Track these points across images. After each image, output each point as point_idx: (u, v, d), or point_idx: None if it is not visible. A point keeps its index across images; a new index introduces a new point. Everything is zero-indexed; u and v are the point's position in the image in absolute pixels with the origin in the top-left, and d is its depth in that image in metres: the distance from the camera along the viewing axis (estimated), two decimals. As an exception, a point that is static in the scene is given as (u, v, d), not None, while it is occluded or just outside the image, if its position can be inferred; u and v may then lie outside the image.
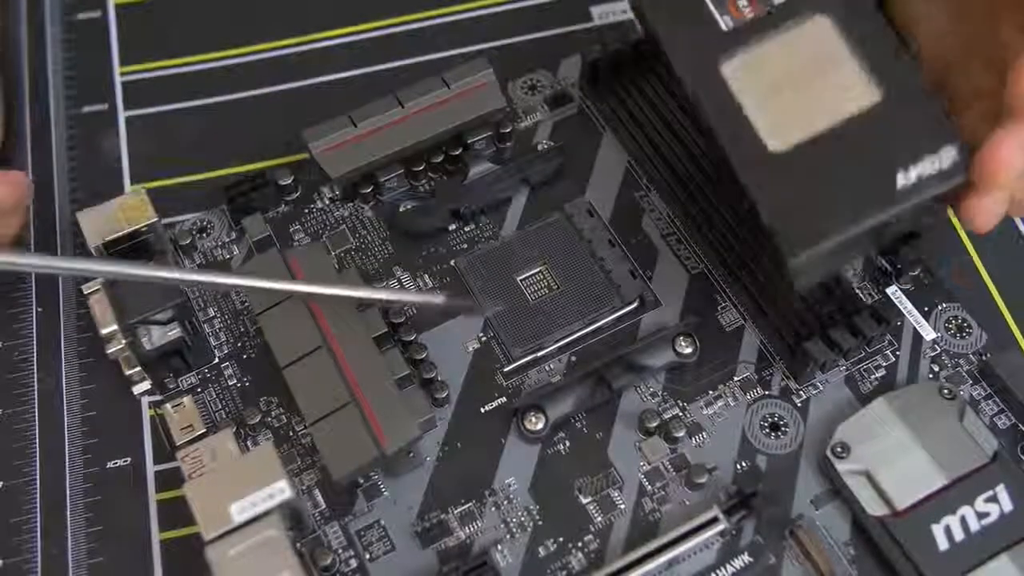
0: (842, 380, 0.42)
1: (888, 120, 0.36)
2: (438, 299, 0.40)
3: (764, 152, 0.36)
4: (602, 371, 0.41)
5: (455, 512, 0.40)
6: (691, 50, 0.38)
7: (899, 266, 0.44)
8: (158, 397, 0.42)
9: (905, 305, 0.44)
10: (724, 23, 0.38)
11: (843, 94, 0.36)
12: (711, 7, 0.38)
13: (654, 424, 0.41)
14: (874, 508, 0.38)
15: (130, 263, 0.39)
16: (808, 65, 0.37)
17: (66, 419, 0.42)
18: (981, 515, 0.38)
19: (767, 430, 0.41)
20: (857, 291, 0.44)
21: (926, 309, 0.44)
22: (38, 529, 0.40)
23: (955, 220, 0.46)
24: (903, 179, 0.35)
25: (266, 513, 0.36)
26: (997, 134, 0.35)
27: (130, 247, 0.42)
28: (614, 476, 0.40)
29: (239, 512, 0.35)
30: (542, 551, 0.39)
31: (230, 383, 0.42)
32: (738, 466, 0.41)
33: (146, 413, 0.42)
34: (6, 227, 0.42)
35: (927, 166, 0.35)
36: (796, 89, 0.37)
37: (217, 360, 0.43)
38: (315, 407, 0.38)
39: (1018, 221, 0.46)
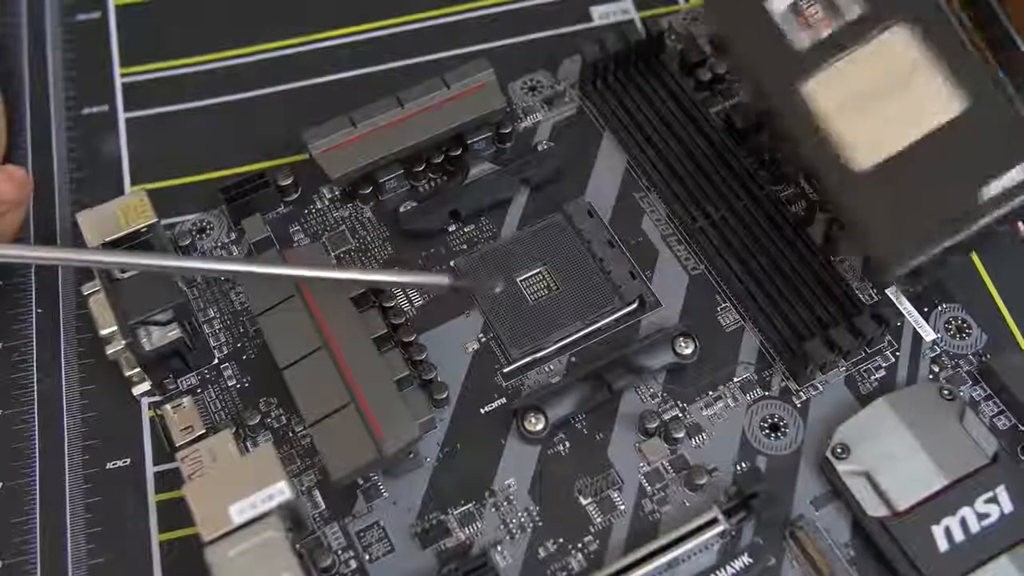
0: (842, 381, 0.42)
1: (972, 131, 0.37)
2: (443, 281, 0.40)
3: (851, 172, 0.37)
4: (602, 372, 0.41)
5: (455, 513, 0.40)
6: (771, 69, 0.38)
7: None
8: (158, 398, 0.42)
9: (905, 306, 0.44)
10: (800, 40, 0.38)
11: (925, 107, 0.37)
12: (786, 25, 0.39)
13: (654, 425, 0.41)
14: (874, 509, 0.38)
15: (131, 253, 0.39)
16: (888, 78, 0.38)
17: (65, 420, 0.42)
18: (981, 516, 0.38)
19: (767, 431, 0.41)
20: (857, 291, 0.43)
21: (926, 310, 0.44)
22: (37, 529, 0.40)
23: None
24: (991, 190, 0.36)
25: (266, 514, 0.35)
26: None
27: (130, 248, 0.42)
28: (614, 477, 0.40)
29: (239, 513, 0.35)
30: (542, 552, 0.39)
31: (230, 384, 0.42)
32: (738, 467, 0.40)
33: (146, 414, 0.42)
34: (7, 224, 0.43)
35: (1014, 175, 0.36)
36: (877, 104, 0.37)
37: (217, 361, 0.43)
38: (315, 408, 0.38)
39: (1018, 222, 0.46)
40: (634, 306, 0.44)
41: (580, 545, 0.39)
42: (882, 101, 0.37)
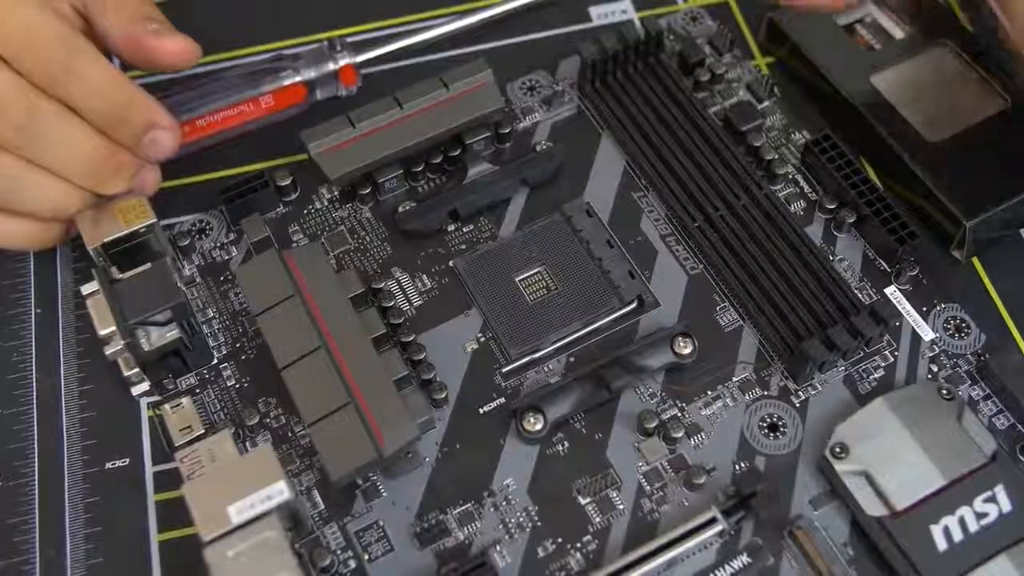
0: (841, 380, 0.42)
1: (1015, 122, 0.46)
2: None
3: (925, 141, 0.46)
4: (601, 372, 0.41)
5: (454, 513, 0.40)
6: (844, 69, 0.48)
7: (897, 266, 0.44)
8: (157, 398, 0.42)
9: (904, 305, 0.44)
10: (865, 48, 0.50)
11: (975, 103, 0.47)
12: (851, 37, 0.50)
13: (653, 425, 0.41)
14: (873, 508, 0.38)
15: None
16: (940, 80, 0.48)
17: (65, 420, 0.42)
18: (980, 515, 0.38)
19: (766, 430, 0.41)
20: (856, 291, 0.44)
21: (924, 309, 0.44)
22: (36, 530, 0.40)
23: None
24: None
25: (265, 514, 0.35)
26: None
27: (128, 248, 0.42)
28: (613, 477, 0.40)
29: (237, 513, 0.35)
30: (541, 552, 0.39)
31: (229, 384, 0.42)
32: (737, 467, 0.41)
33: (144, 414, 0.42)
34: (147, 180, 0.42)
35: None
36: (936, 96, 0.47)
37: (216, 361, 0.43)
38: (314, 408, 0.38)
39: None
40: (633, 306, 0.44)
41: (579, 545, 0.39)
42: (939, 94, 0.47)
